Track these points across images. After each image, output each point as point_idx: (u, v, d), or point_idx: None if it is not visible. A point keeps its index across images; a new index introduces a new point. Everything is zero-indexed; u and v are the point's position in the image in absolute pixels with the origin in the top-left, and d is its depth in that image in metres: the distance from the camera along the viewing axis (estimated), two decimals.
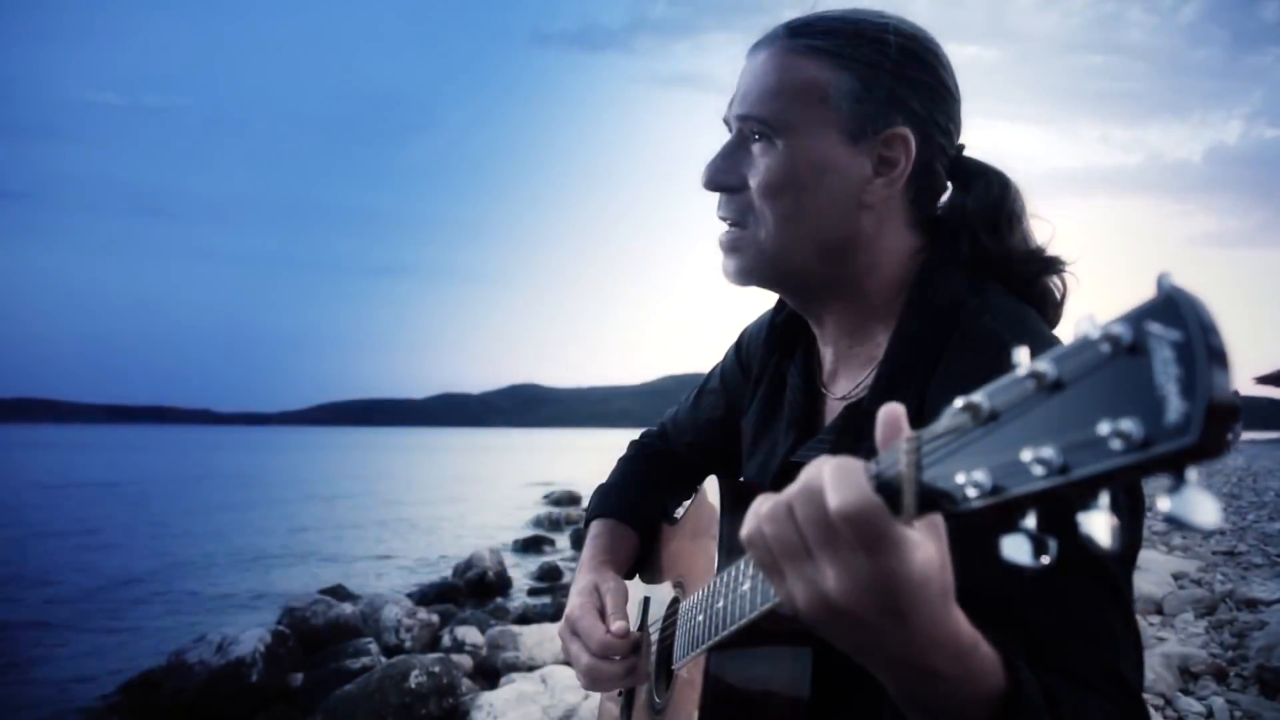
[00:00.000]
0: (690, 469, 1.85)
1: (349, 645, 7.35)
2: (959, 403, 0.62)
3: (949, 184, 1.36)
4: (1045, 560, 0.58)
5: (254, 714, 6.42)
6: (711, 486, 1.44)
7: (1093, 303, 1.34)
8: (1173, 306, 0.48)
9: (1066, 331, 1.25)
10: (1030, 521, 0.59)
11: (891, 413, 0.74)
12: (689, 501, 1.59)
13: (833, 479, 0.73)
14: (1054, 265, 1.30)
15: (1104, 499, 0.53)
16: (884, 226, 1.28)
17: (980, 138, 1.36)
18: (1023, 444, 0.56)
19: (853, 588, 0.74)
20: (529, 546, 17.72)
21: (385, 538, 19.82)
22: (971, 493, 0.60)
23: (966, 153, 1.37)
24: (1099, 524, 0.53)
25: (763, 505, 0.82)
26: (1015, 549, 0.59)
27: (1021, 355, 0.59)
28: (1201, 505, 0.47)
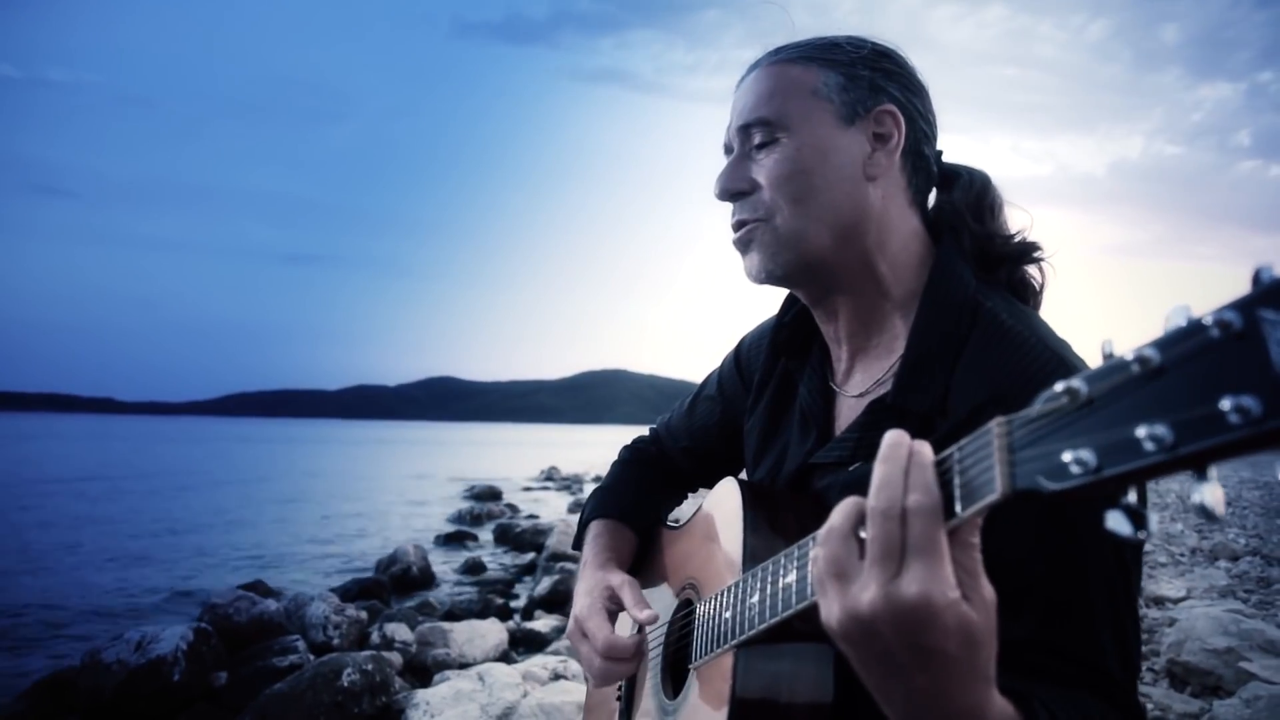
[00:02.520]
0: (684, 474, 1.89)
1: (275, 643, 7.15)
2: (1058, 387, 0.66)
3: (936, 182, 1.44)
4: (1143, 535, 0.62)
5: (176, 714, 6.20)
6: (726, 489, 1.45)
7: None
8: None
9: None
10: (1131, 497, 0.63)
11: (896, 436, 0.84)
12: (698, 505, 1.60)
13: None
14: (1033, 249, 1.39)
15: (1214, 472, 0.57)
16: (889, 203, 1.35)
17: None
18: (1134, 423, 0.59)
19: (884, 602, 0.79)
20: (451, 541, 17.53)
21: (301, 532, 19.35)
22: (1076, 470, 0.63)
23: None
24: (1211, 495, 0.57)
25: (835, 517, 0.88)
26: (1117, 523, 0.62)
27: (1114, 345, 0.63)
28: None
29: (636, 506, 1.81)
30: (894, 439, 0.83)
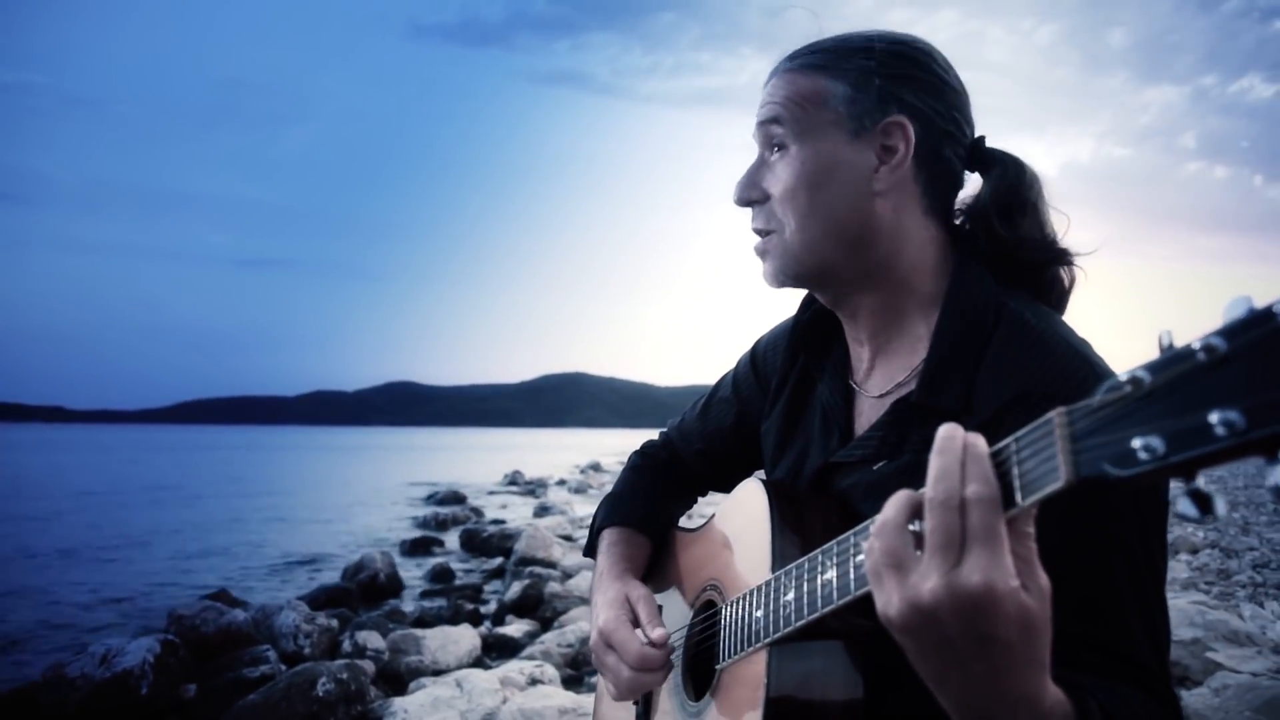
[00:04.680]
0: (698, 477, 1.89)
1: (245, 654, 7.02)
2: (1122, 376, 0.67)
3: (972, 172, 1.41)
4: (1210, 519, 0.63)
5: None
6: (750, 490, 1.45)
7: None
8: None
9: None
10: (1200, 481, 0.64)
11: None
12: (719, 508, 1.60)
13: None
14: (1062, 256, 1.37)
15: None
16: (902, 214, 1.34)
17: None
18: (1205, 409, 0.60)
19: (946, 591, 0.80)
20: (417, 548, 17.36)
21: (262, 541, 19.02)
22: (1144, 456, 0.65)
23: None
24: None
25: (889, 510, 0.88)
26: (1185, 508, 0.64)
27: (1173, 336, 0.65)
28: None
29: (649, 512, 1.81)
30: (948, 432, 0.84)
